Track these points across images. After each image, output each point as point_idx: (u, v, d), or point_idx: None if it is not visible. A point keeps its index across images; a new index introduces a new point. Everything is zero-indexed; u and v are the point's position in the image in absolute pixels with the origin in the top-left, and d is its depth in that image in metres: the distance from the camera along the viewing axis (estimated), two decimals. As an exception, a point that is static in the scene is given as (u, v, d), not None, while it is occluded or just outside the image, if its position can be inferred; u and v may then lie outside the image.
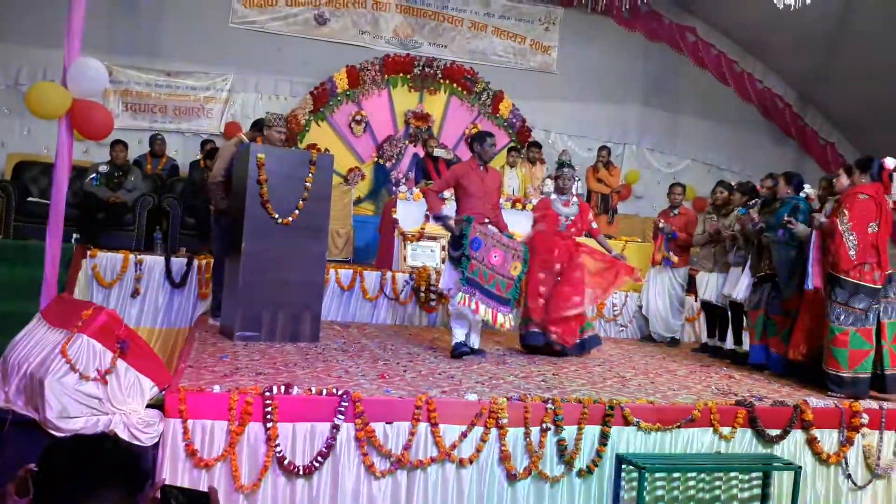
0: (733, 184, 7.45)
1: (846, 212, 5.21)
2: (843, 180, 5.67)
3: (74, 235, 7.33)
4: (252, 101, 10.87)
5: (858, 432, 4.76)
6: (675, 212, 7.75)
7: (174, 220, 8.16)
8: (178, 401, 3.57)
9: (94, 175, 7.87)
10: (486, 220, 5.83)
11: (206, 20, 10.53)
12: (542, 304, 6.11)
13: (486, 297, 5.57)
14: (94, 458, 1.91)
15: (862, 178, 5.35)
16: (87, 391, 3.48)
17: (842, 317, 5.18)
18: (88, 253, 6.77)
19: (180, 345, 6.47)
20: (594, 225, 6.59)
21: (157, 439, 3.57)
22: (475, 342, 5.89)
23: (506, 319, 5.65)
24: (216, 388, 3.73)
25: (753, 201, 6.70)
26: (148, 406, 3.66)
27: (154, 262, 6.95)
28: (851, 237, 5.15)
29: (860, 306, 5.16)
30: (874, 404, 4.92)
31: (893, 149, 5.74)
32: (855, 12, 10.23)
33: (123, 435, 3.49)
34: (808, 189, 6.24)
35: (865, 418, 4.77)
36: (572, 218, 6.34)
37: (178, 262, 7.00)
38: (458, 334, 5.71)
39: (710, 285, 7.16)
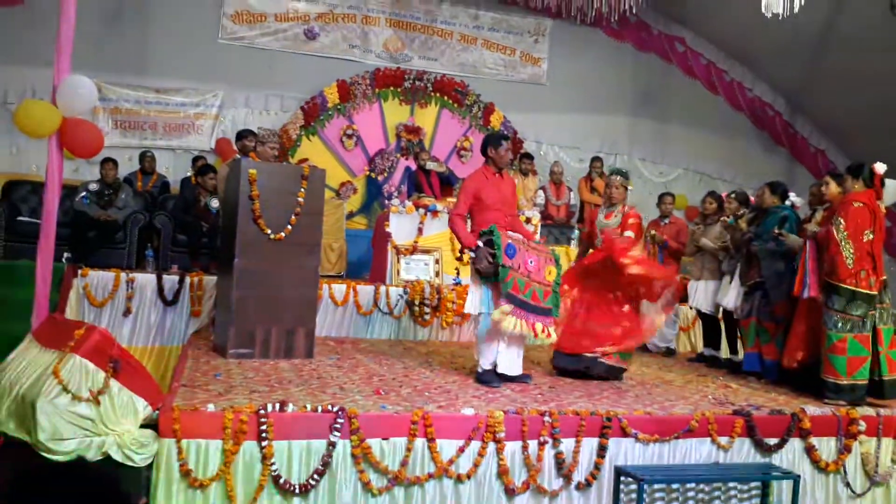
0: (723, 194, 7.41)
1: (842, 221, 5.20)
2: (832, 187, 5.69)
3: (65, 255, 7.29)
4: (242, 117, 10.86)
5: (856, 439, 4.74)
6: (666, 221, 7.75)
7: (165, 237, 8.11)
8: (171, 420, 3.53)
9: (84, 194, 7.82)
10: (508, 232, 5.25)
11: (195, 36, 10.53)
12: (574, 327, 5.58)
13: (527, 310, 4.99)
14: (68, 487, 1.87)
15: (854, 185, 5.36)
16: (80, 412, 3.44)
17: (839, 324, 5.17)
18: (80, 272, 6.71)
19: (173, 363, 6.41)
20: (629, 233, 5.77)
21: (150, 460, 3.52)
22: (516, 367, 5.24)
23: (550, 331, 5.09)
24: (210, 407, 3.69)
25: (742, 211, 6.71)
26: (141, 426, 3.61)
27: (146, 280, 6.90)
28: (849, 246, 5.14)
29: (857, 313, 5.16)
30: (871, 411, 4.91)
31: (883, 154, 5.75)
32: (841, 19, 10.31)
33: (117, 456, 3.45)
34: (793, 197, 6.25)
35: (863, 425, 4.75)
36: (605, 230, 5.86)
37: (170, 280, 6.94)
38: (486, 360, 5.16)
39: (699, 293, 7.14)
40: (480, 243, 5.03)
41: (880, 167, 5.36)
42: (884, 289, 5.33)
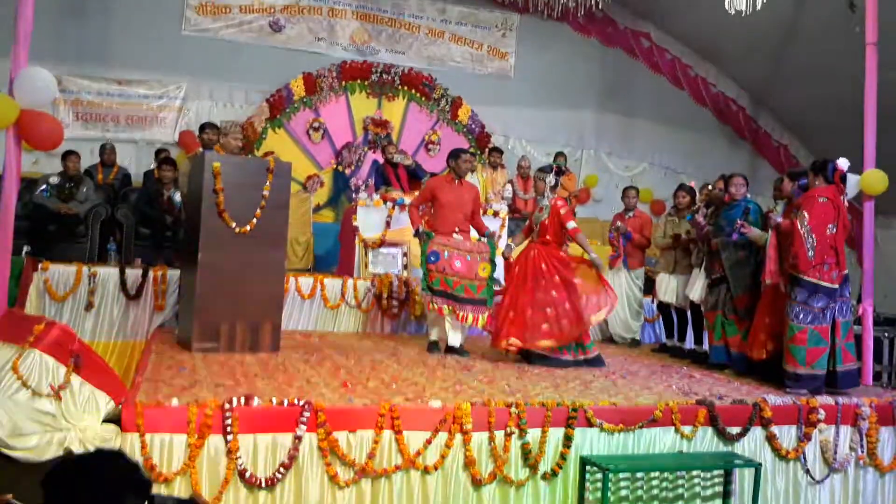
0: (692, 185, 7.47)
1: (806, 214, 5.30)
2: (787, 185, 5.79)
3: (25, 248, 7.15)
4: (206, 109, 10.69)
5: (815, 428, 4.84)
6: (630, 214, 7.82)
7: (128, 230, 7.99)
8: (135, 415, 3.49)
9: (44, 186, 7.68)
10: (457, 230, 6.25)
11: (159, 28, 10.36)
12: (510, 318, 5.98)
13: (456, 301, 6.04)
14: (99, 474, 1.88)
15: (817, 181, 5.46)
16: (41, 408, 3.39)
17: (801, 315, 5.27)
18: (40, 266, 6.60)
19: (137, 358, 6.33)
20: (570, 224, 6.13)
21: (113, 455, 3.48)
22: (456, 340, 6.20)
23: (481, 318, 6.08)
24: (174, 402, 3.66)
25: (697, 206, 6.78)
26: (104, 421, 3.57)
27: (108, 274, 6.80)
28: (811, 238, 5.24)
29: (818, 305, 5.26)
30: (830, 400, 5.01)
31: (844, 149, 5.86)
32: (803, 17, 10.47)
33: (79, 452, 3.41)
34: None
35: (822, 414, 4.85)
36: (538, 223, 6.19)
37: (133, 274, 6.85)
38: (431, 333, 6.42)
39: (669, 287, 7.21)
40: (420, 229, 6.24)
41: (843, 163, 5.47)
42: (844, 282, 5.44)
